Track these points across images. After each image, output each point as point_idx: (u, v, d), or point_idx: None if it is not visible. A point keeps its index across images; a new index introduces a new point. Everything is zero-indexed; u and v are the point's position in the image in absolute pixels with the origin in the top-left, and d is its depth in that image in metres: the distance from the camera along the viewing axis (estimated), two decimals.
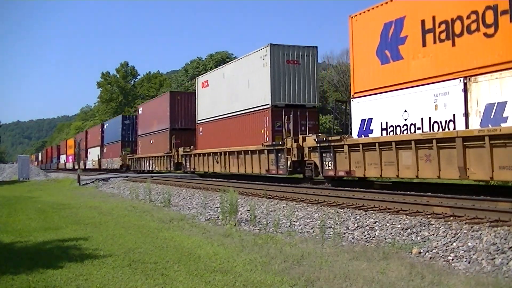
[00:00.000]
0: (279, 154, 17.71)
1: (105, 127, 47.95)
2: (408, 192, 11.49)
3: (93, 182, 25.60)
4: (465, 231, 6.85)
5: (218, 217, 10.26)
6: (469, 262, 5.78)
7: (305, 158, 16.21)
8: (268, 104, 18.51)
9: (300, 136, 16.78)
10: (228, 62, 47.87)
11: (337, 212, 9.44)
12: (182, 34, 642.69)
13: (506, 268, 5.40)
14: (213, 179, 22.73)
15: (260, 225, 9.05)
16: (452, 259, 5.97)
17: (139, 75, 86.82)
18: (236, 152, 20.84)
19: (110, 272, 5.65)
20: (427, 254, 6.31)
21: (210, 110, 24.46)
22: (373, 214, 8.86)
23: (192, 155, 26.07)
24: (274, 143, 18.02)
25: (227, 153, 21.70)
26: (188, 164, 26.71)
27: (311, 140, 15.91)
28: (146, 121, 34.88)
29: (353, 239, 7.62)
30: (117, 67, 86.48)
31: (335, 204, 10.41)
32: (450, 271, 5.52)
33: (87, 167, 53.45)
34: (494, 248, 5.99)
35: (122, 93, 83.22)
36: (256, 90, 19.62)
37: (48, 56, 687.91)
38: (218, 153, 22.47)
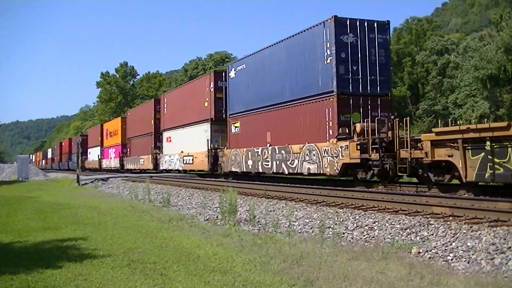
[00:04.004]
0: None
1: (232, 73, 22.11)
2: (408, 192, 11.51)
3: (92, 182, 25.57)
4: (464, 231, 6.86)
5: (217, 217, 10.26)
6: (468, 262, 5.78)
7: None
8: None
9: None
10: (227, 62, 48.19)
11: (336, 212, 9.44)
12: (181, 34, 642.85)
13: (505, 268, 5.41)
14: (212, 179, 22.73)
15: (259, 225, 9.05)
16: (451, 259, 5.98)
17: (139, 75, 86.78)
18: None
19: (109, 272, 5.64)
20: (426, 254, 6.31)
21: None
22: (372, 214, 8.86)
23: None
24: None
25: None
26: None
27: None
28: None
29: (352, 239, 7.62)
30: (116, 67, 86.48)
31: (334, 204, 10.41)
32: (449, 271, 5.53)
33: (163, 168, 29.92)
34: (493, 248, 6.00)
35: (122, 93, 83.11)
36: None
37: (47, 56, 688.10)
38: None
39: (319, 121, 15.88)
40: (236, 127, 21.90)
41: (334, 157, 14.94)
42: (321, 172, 15.78)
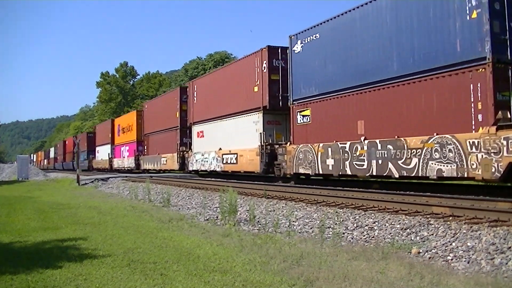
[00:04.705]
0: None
1: (297, 47, 16.95)
2: (408, 192, 11.50)
3: (92, 182, 25.58)
4: (464, 231, 6.86)
5: (217, 217, 10.26)
6: (468, 262, 5.78)
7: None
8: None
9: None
10: (227, 62, 48.03)
11: (336, 212, 9.45)
12: (181, 34, 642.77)
13: (505, 268, 5.40)
14: (213, 179, 22.72)
15: (259, 225, 9.05)
16: (451, 259, 5.97)
17: (139, 75, 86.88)
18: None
19: (109, 272, 5.64)
20: (426, 254, 6.31)
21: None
22: (372, 214, 8.86)
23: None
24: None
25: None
26: None
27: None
28: None
29: (352, 239, 7.62)
30: (116, 67, 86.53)
31: (334, 204, 10.41)
32: (449, 271, 5.52)
33: (193, 168, 25.58)
34: (493, 248, 6.00)
35: (122, 93, 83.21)
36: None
37: (47, 56, 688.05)
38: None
39: (457, 102, 11.07)
40: (304, 116, 16.64)
41: (492, 154, 10.04)
42: (465, 176, 10.58)
